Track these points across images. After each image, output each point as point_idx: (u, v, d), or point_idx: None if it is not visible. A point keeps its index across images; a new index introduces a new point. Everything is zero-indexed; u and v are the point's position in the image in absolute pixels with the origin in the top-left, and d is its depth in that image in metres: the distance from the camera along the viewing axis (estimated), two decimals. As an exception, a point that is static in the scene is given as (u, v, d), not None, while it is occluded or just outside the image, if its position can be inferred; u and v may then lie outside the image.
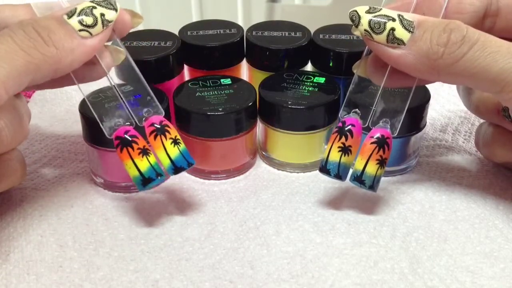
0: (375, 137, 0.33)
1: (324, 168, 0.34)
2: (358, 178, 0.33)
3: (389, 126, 0.33)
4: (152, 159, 0.33)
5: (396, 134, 0.33)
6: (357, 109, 0.34)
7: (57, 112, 0.49)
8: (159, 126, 0.33)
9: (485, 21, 0.34)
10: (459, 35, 0.29)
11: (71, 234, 0.35)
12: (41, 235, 0.35)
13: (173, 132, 0.33)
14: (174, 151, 0.33)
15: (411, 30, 0.30)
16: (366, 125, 0.34)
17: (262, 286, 0.31)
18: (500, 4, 0.33)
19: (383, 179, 0.39)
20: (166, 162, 0.33)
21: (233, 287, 0.31)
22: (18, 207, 0.37)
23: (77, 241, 0.34)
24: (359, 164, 0.33)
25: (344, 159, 0.33)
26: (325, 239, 0.34)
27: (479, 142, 0.39)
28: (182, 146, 0.33)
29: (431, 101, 0.40)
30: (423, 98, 0.39)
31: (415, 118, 0.39)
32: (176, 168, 0.33)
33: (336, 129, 0.34)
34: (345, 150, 0.33)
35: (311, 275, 0.32)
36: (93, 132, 0.37)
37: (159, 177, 0.33)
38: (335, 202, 0.37)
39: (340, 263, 0.32)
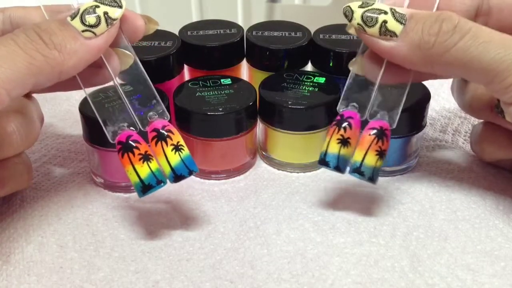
0: (373, 128, 0.33)
1: (323, 160, 0.34)
2: (357, 170, 0.33)
3: (387, 118, 0.33)
4: (153, 165, 0.32)
5: (395, 126, 0.33)
6: (354, 103, 0.34)
7: (57, 112, 0.49)
8: (161, 132, 0.32)
9: (476, 20, 0.34)
10: (451, 24, 0.29)
11: (72, 234, 0.35)
12: (42, 235, 0.35)
13: (176, 138, 0.32)
14: (175, 158, 0.32)
15: (403, 22, 0.30)
16: (364, 118, 0.34)
17: (262, 286, 0.31)
18: (491, 3, 0.34)
19: (383, 179, 0.40)
20: (167, 170, 0.32)
21: (233, 287, 0.31)
22: (18, 207, 0.37)
23: (77, 242, 0.34)
24: (358, 156, 0.33)
25: (343, 151, 0.33)
26: (325, 238, 0.34)
27: (472, 141, 0.40)
28: (185, 152, 0.32)
29: (431, 101, 0.40)
30: (423, 98, 0.39)
31: (415, 118, 0.39)
32: (176, 176, 0.32)
33: (335, 122, 0.34)
34: (344, 142, 0.33)
35: (312, 274, 0.32)
36: (93, 132, 0.37)
37: (160, 184, 0.32)
38: (335, 202, 0.37)
39: (340, 262, 0.32)
